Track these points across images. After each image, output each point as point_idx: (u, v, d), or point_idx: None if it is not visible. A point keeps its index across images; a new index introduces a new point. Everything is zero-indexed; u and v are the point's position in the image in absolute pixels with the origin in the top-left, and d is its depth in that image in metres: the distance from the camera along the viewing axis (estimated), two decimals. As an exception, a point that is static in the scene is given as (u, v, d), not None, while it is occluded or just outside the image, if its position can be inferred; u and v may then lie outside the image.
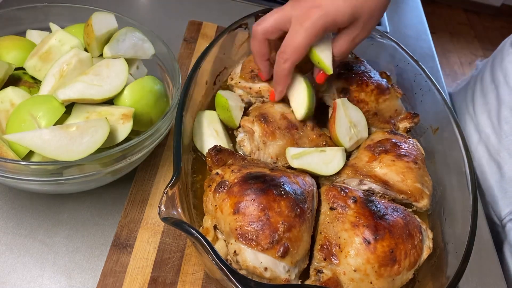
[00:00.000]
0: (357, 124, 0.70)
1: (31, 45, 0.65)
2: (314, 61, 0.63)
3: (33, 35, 0.69)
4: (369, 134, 0.72)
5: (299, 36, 0.57)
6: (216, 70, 0.76)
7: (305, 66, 0.69)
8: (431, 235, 0.59)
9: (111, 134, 0.55)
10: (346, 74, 0.75)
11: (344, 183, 0.63)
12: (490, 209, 0.88)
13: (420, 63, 0.78)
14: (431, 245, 0.57)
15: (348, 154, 0.69)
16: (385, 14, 1.22)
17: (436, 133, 0.73)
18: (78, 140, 0.50)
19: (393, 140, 0.67)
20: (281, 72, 0.61)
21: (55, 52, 0.61)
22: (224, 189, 0.53)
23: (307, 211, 0.54)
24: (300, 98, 0.65)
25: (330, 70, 0.62)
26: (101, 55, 0.65)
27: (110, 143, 0.56)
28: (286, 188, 0.53)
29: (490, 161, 0.89)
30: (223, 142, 0.65)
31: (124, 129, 0.56)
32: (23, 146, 0.53)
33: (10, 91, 0.58)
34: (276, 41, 0.62)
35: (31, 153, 0.56)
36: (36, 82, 0.63)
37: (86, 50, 0.65)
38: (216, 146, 0.60)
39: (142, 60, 0.71)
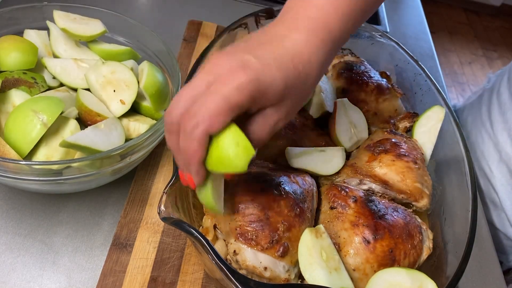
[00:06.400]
0: (357, 124, 0.69)
1: (31, 46, 0.65)
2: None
3: (31, 34, 0.69)
4: (369, 134, 0.72)
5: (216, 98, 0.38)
6: (216, 70, 0.75)
7: None
8: (431, 236, 0.59)
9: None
10: (346, 74, 0.75)
11: (344, 182, 0.63)
12: (509, 228, 0.85)
13: (420, 63, 0.78)
14: (431, 245, 0.57)
15: (348, 154, 0.69)
16: (385, 13, 1.21)
17: (436, 133, 0.73)
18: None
19: (393, 140, 0.67)
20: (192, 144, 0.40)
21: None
22: (224, 189, 0.53)
23: (307, 211, 0.54)
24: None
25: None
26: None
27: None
28: (286, 188, 0.53)
29: (511, 182, 0.84)
30: (223, 142, 0.65)
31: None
32: (25, 146, 0.54)
33: (12, 93, 0.58)
34: None
35: (31, 153, 0.56)
36: (36, 82, 0.63)
37: None
38: (216, 146, 0.60)
39: (143, 59, 0.72)
